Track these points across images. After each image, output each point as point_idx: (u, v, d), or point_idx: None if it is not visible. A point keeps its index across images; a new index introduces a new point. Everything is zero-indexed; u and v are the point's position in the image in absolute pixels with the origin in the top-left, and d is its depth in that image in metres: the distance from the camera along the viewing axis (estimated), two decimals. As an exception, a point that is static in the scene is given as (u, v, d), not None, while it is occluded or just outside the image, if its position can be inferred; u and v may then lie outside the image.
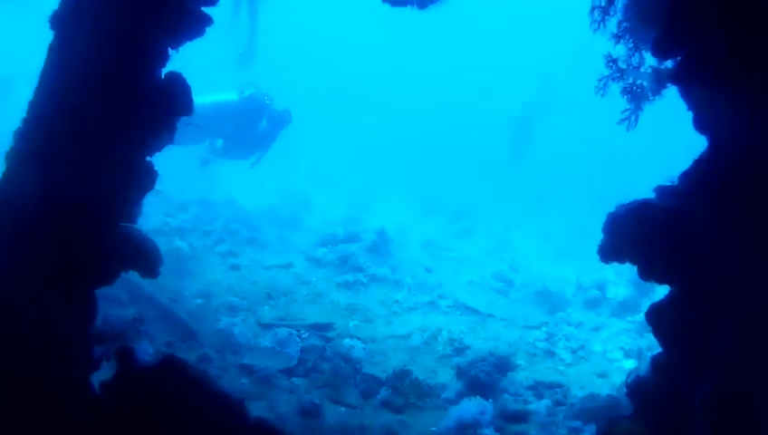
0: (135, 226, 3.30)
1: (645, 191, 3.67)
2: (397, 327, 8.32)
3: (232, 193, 14.47)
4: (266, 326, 7.45)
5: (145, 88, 2.96)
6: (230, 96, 10.45)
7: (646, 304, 3.89)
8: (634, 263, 3.60)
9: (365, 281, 9.66)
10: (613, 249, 3.61)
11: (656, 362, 3.63)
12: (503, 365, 6.27)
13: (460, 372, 6.11)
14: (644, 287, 10.21)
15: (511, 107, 22.69)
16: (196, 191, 13.77)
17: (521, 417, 5.49)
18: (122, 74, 2.91)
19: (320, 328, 7.63)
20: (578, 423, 5.39)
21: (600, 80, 4.24)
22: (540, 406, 5.72)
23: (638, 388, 3.70)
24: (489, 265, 12.61)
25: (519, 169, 21.95)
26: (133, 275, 8.00)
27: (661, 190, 3.55)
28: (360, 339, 7.62)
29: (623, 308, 10.08)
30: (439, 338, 8.03)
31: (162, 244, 9.32)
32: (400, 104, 33.32)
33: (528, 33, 36.67)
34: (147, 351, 5.75)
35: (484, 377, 5.87)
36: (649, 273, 3.56)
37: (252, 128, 10.31)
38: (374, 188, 19.25)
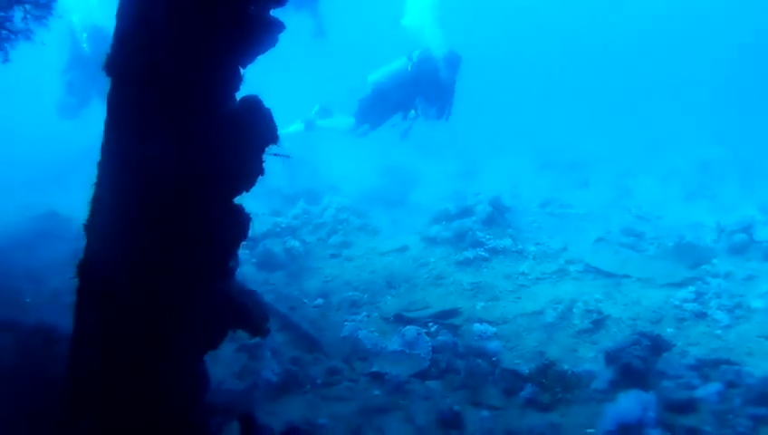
0: (234, 280, 2.97)
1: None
2: (527, 303, 7.79)
3: (336, 179, 14.24)
4: (391, 321, 7.16)
5: (216, 123, 2.57)
6: (401, 63, 10.45)
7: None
8: None
9: (486, 256, 9.11)
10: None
11: None
12: (657, 346, 5.53)
13: (609, 358, 5.47)
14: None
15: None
16: (303, 180, 13.63)
17: (689, 407, 4.81)
18: (187, 111, 2.54)
19: (446, 315, 7.28)
20: (763, 410, 4.67)
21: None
22: (709, 391, 4.99)
23: None
24: (614, 217, 11.74)
25: None
26: (254, 286, 7.95)
27: None
28: (489, 322, 7.17)
29: (779, 250, 9.02)
30: (574, 310, 7.46)
31: (276, 245, 9.30)
32: (496, 60, 31.90)
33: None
34: (274, 370, 5.56)
35: (637, 363, 5.22)
36: None
37: (435, 84, 10.20)
38: (483, 150, 18.43)
